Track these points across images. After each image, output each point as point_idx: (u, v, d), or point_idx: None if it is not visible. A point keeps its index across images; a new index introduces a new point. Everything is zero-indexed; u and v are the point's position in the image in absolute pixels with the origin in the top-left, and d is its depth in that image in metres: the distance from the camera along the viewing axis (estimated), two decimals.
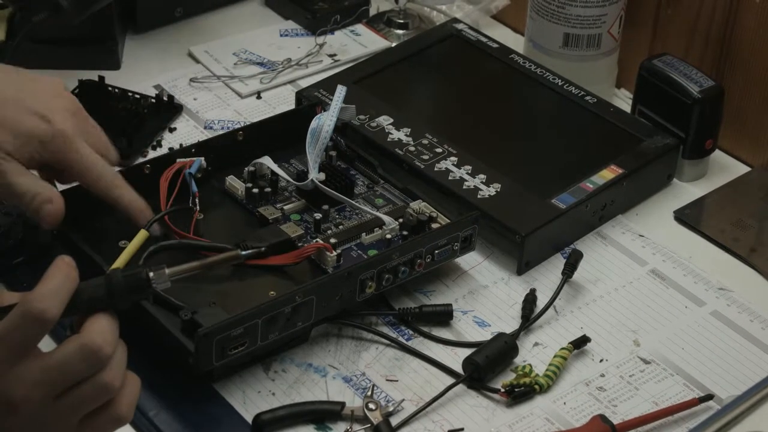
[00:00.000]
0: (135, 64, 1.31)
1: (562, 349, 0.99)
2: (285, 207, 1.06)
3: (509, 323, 1.03)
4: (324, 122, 1.08)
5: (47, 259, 1.04)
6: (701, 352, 1.01)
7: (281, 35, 1.37)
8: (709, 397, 0.96)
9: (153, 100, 1.24)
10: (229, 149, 1.10)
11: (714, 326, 1.04)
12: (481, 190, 1.09)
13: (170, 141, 1.21)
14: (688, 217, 1.15)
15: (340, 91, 1.12)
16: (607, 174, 1.12)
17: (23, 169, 0.94)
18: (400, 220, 1.04)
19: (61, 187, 1.11)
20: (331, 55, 1.34)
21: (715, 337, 1.03)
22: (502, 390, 0.96)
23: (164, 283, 0.80)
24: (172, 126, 1.23)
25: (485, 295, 1.06)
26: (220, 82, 1.29)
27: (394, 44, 1.35)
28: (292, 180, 1.07)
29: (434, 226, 1.04)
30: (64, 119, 0.96)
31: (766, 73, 1.19)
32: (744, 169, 1.22)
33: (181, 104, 1.25)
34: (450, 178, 1.10)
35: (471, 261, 1.08)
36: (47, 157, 0.95)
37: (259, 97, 1.28)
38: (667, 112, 1.18)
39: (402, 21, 1.39)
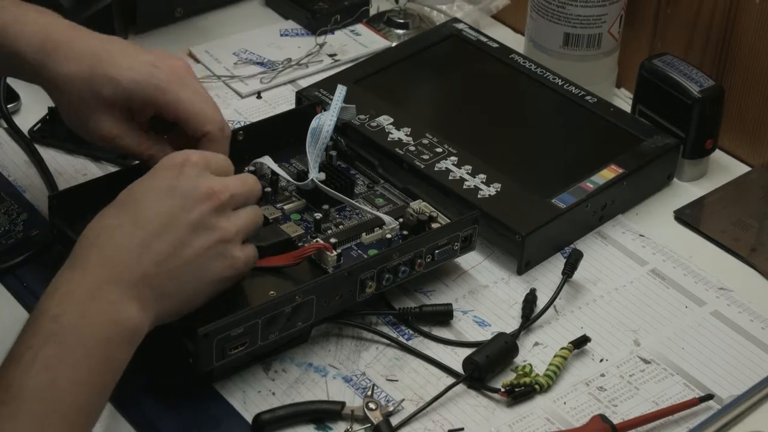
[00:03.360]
0: None
1: (563, 348, 0.99)
2: (285, 207, 1.06)
3: (509, 323, 1.03)
4: (324, 122, 1.08)
5: (47, 259, 1.05)
6: (701, 351, 1.01)
7: (281, 35, 1.37)
8: (710, 397, 0.96)
9: None
10: (230, 149, 1.09)
11: (714, 326, 1.04)
12: (481, 189, 1.09)
13: None
14: (689, 216, 1.15)
15: (341, 90, 1.12)
16: (608, 174, 1.12)
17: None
18: (401, 219, 1.04)
19: (61, 186, 1.12)
20: (331, 55, 1.34)
21: (715, 337, 1.03)
22: (502, 390, 0.96)
23: None
24: None
25: (485, 294, 1.05)
26: (220, 81, 1.29)
27: (394, 44, 1.35)
28: (292, 180, 1.07)
29: (434, 225, 1.03)
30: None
31: (766, 73, 1.19)
32: (744, 169, 1.22)
33: None
34: (450, 177, 1.10)
35: (471, 261, 1.08)
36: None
37: (259, 97, 1.28)
38: (667, 111, 1.17)
39: (402, 21, 1.39)
